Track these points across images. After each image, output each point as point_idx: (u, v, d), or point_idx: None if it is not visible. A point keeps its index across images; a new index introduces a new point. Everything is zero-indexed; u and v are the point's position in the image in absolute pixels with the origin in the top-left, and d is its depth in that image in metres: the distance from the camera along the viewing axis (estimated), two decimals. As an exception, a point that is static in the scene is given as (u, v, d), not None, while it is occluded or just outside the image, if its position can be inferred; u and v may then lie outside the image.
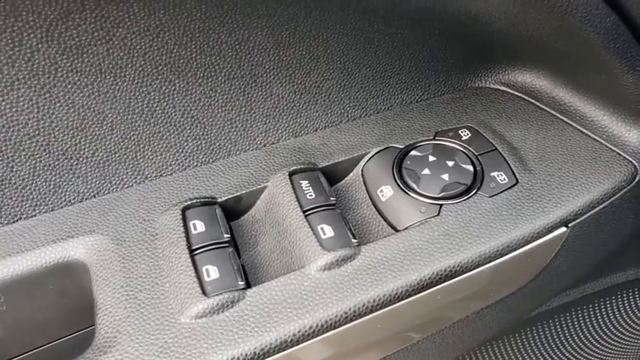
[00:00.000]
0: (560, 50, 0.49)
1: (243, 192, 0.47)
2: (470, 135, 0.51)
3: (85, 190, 0.47)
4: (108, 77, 0.42)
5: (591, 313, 0.70)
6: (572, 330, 0.72)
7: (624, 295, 0.69)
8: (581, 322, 0.71)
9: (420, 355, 0.49)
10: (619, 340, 0.75)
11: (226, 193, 0.47)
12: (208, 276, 0.40)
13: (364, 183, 0.49)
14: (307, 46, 0.48)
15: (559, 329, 0.71)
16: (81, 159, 0.45)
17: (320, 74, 0.51)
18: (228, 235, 0.44)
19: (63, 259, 0.44)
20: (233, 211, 0.48)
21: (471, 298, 0.45)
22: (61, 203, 0.46)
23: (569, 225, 0.45)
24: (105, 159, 0.46)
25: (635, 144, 0.49)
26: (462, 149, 0.50)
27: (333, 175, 0.50)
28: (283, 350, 0.38)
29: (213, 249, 0.42)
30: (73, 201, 0.47)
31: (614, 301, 0.70)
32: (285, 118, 0.51)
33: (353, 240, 0.43)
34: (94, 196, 0.47)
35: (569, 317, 0.70)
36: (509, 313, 0.52)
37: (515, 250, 0.43)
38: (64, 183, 0.46)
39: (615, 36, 0.42)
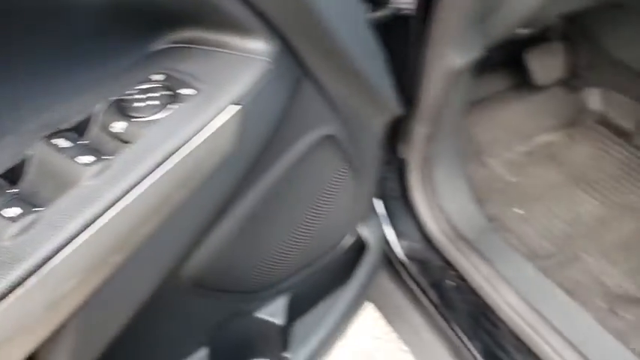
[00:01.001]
0: (194, 9, 0.77)
1: (15, 163, 0.63)
2: (163, 75, 0.75)
3: None
4: None
5: (299, 180, 1.02)
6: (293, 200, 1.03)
7: (317, 152, 1.03)
8: (299, 189, 1.03)
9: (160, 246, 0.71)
10: (333, 191, 1.10)
11: (2, 168, 0.63)
12: (14, 214, 0.57)
13: (104, 127, 0.70)
14: (51, 58, 0.68)
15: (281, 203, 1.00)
16: None
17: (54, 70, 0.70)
18: (17, 190, 0.60)
19: None
20: (13, 180, 0.63)
21: (188, 179, 0.70)
22: None
23: (240, 103, 0.74)
24: None
25: (256, 49, 0.79)
26: (160, 85, 0.74)
27: (80, 132, 0.69)
28: (82, 233, 0.58)
29: (9, 200, 0.59)
30: None
31: (311, 162, 1.02)
32: (27, 108, 0.68)
33: (109, 157, 0.64)
34: None
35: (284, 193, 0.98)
36: (224, 186, 0.79)
37: (208, 126, 0.70)
38: None
39: None
